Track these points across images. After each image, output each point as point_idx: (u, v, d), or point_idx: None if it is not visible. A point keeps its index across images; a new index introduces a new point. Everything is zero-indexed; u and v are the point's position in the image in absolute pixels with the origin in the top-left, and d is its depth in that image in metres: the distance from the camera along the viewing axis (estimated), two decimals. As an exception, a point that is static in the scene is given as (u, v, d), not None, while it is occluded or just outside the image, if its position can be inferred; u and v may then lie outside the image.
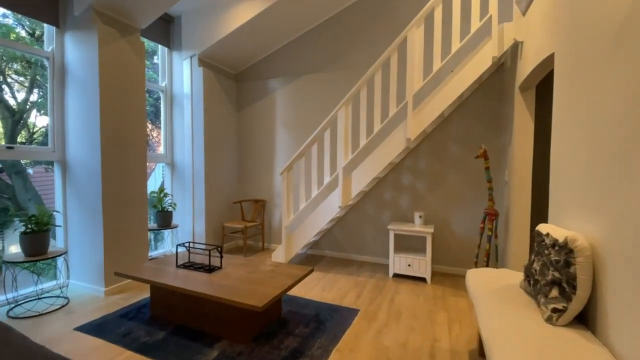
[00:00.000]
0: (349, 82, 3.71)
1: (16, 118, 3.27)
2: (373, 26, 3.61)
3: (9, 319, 2.26)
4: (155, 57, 3.93)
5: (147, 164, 4.07)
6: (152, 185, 4.12)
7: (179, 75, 3.88)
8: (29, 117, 2.97)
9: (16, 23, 2.98)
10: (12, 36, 2.82)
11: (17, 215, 2.58)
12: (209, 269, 2.29)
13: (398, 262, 3.14)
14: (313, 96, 3.94)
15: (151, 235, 3.87)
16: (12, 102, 3.02)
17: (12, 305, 2.40)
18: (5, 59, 3.01)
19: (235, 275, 2.19)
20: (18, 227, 2.53)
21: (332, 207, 3.17)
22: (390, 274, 3.20)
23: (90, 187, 2.73)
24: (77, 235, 2.83)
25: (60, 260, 2.80)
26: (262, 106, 4.26)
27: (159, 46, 3.82)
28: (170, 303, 2.26)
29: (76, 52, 2.74)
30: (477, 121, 3.21)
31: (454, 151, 3.30)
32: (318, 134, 3.21)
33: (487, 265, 2.80)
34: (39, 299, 2.54)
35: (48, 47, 2.76)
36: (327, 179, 3.27)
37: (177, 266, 2.39)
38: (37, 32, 2.94)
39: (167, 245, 4.03)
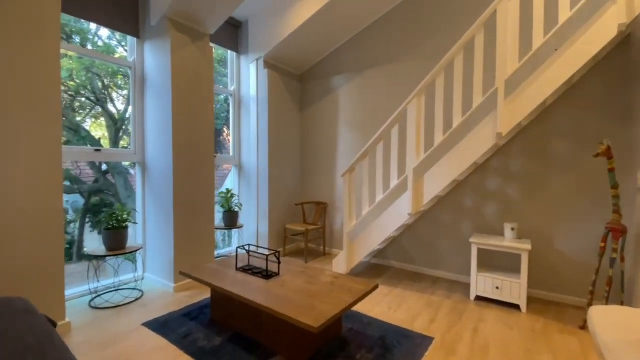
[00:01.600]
0: (420, 74, 3.29)
1: (118, 126, 3.69)
2: (450, 7, 3.14)
3: (90, 308, 2.45)
4: (219, 64, 4.06)
5: (224, 165, 4.28)
6: (230, 186, 4.27)
7: (246, 78, 3.95)
8: (128, 124, 3.27)
9: (110, 38, 3.33)
10: (117, 55, 3.15)
11: (106, 212, 2.83)
12: (267, 275, 2.16)
13: (482, 283, 2.62)
14: (379, 91, 3.62)
15: (219, 234, 3.99)
16: (114, 111, 3.39)
17: (94, 296, 2.62)
18: (107, 75, 3.40)
19: (293, 285, 2.01)
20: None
21: (400, 214, 2.81)
22: (472, 296, 2.69)
23: (164, 187, 2.87)
24: (153, 232, 3.01)
25: (137, 255, 3.00)
26: (324, 105, 4.10)
27: (229, 52, 3.94)
28: (229, 307, 2.19)
29: (153, 59, 2.92)
30: (592, 110, 2.51)
31: (559, 148, 2.65)
32: (384, 131, 2.89)
33: (608, 297, 2.12)
34: (117, 290, 2.73)
35: (131, 57, 3.00)
36: (394, 181, 2.92)
37: (237, 269, 2.32)
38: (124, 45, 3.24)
39: (235, 243, 4.12)
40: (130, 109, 3.13)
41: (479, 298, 2.70)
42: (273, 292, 1.91)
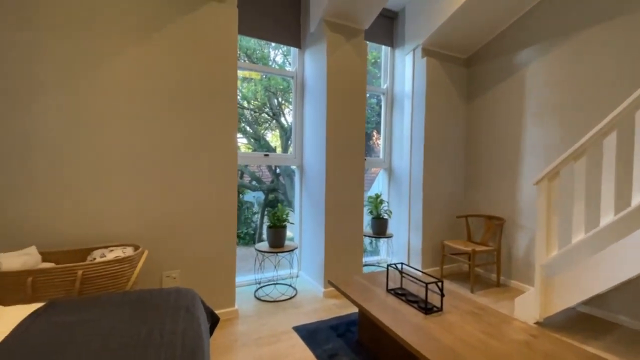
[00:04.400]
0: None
1: (287, 135, 4.15)
2: None
3: (255, 299, 2.68)
4: (370, 63, 3.84)
5: (372, 169, 4.11)
6: (376, 190, 4.08)
7: (400, 73, 3.59)
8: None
9: (276, 53, 3.70)
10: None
11: (269, 211, 3.10)
12: (426, 309, 1.71)
13: None
14: (604, 59, 2.47)
15: (366, 241, 3.79)
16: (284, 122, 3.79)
17: (258, 287, 2.87)
18: (280, 93, 3.85)
19: (463, 333, 1.48)
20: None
21: (650, 248, 1.73)
22: None
23: (318, 190, 2.88)
24: (308, 233, 3.09)
25: (294, 253, 3.14)
26: (502, 91, 3.20)
27: (382, 47, 3.69)
28: (377, 333, 1.87)
29: (311, 65, 2.99)
30: None
31: None
32: (622, 114, 1.86)
33: None
34: (275, 284, 2.92)
35: (294, 67, 3.18)
36: (638, 196, 1.83)
37: (387, 290, 1.98)
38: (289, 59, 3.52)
39: (383, 253, 3.82)
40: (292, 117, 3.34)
41: None
42: (436, 337, 1.44)
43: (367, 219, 3.30)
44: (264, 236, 2.84)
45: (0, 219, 1.72)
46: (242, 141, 4.19)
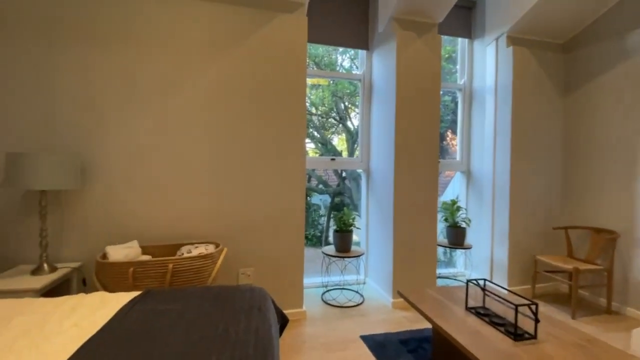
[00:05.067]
0: None
1: (354, 139, 4.15)
2: None
3: (322, 302, 2.68)
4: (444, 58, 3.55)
5: (446, 172, 3.81)
6: (451, 195, 3.77)
7: (480, 67, 3.25)
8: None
9: (343, 58, 3.70)
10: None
11: (335, 215, 3.09)
12: (515, 334, 1.48)
13: None
14: None
15: (440, 251, 3.51)
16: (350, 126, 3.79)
17: (325, 290, 2.87)
18: (347, 97, 3.87)
19: (566, 368, 1.23)
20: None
21: None
22: None
23: (385, 194, 2.77)
24: (375, 239, 2.99)
25: (361, 259, 3.07)
26: (611, 80, 2.65)
27: (459, 40, 3.40)
28: (454, 355, 1.69)
29: (379, 66, 2.91)
30: None
31: None
32: None
33: None
34: (342, 289, 2.88)
35: (361, 70, 3.14)
36: None
37: (467, 308, 1.77)
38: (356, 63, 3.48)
39: (459, 265, 3.50)
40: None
41: None
42: (529, 369, 1.23)
43: (441, 226, 3.05)
44: (331, 239, 2.84)
45: (110, 217, 2.04)
46: (309, 146, 4.31)
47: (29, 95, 1.92)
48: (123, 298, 1.32)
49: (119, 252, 1.77)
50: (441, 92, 2.77)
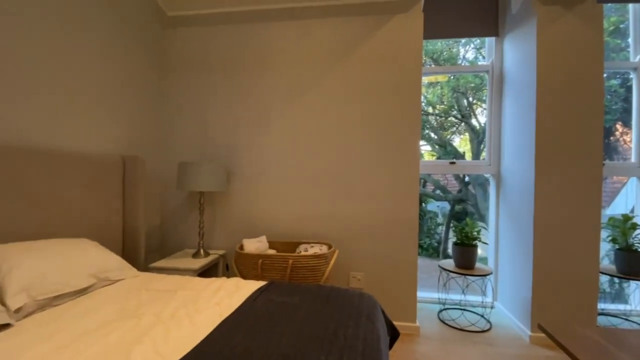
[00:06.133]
0: None
1: (480, 138, 3.72)
2: None
3: (438, 320, 2.44)
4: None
5: (614, 177, 2.93)
6: (621, 207, 2.90)
7: (674, 33, 2.37)
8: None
9: (466, 49, 3.32)
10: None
11: (455, 226, 2.79)
12: None
13: None
14: None
15: (603, 280, 2.69)
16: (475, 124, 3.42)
17: (442, 307, 2.60)
18: (471, 92, 3.49)
19: None
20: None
21: None
22: None
23: (522, 205, 2.33)
24: (507, 257, 2.55)
25: (488, 279, 2.66)
26: None
27: (629, 7, 2.57)
28: None
29: (512, 52, 2.48)
30: None
31: None
32: None
33: None
34: (463, 310, 2.55)
35: (488, 60, 2.75)
36: None
37: (651, 365, 1.29)
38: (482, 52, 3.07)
39: (635, 301, 2.61)
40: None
41: None
42: None
43: (606, 248, 2.33)
44: (450, 251, 2.57)
45: (245, 215, 2.42)
46: (425, 148, 4.04)
47: (194, 119, 2.49)
48: (252, 286, 1.52)
49: (252, 245, 2.07)
50: (604, 75, 2.14)
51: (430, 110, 3.91)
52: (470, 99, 3.88)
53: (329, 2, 2.29)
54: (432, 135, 4.08)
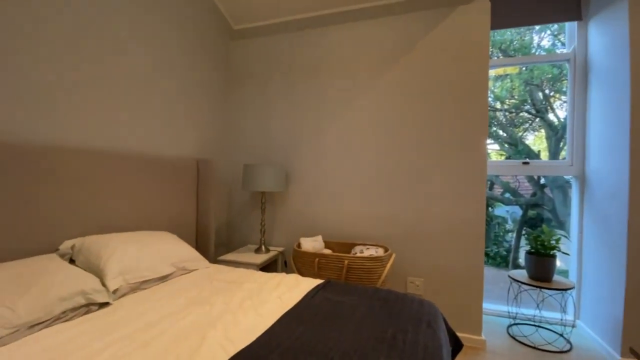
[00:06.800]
0: None
1: (558, 135, 3.34)
2: None
3: (508, 335, 2.23)
4: None
5: None
6: None
7: None
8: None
9: (541, 37, 2.98)
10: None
11: (529, 233, 2.53)
12: None
13: None
14: None
15: None
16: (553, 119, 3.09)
17: (513, 322, 2.36)
18: (548, 84, 3.15)
19: None
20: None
21: None
22: None
23: (612, 212, 2.02)
24: (592, 270, 2.23)
25: (569, 294, 2.36)
26: None
27: None
28: None
29: (599, 38, 2.16)
30: None
31: None
32: None
33: None
34: (538, 326, 2.29)
35: (569, 47, 2.44)
36: None
37: None
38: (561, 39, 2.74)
39: None
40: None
41: None
42: None
43: None
44: (521, 261, 2.32)
45: (302, 214, 2.50)
46: (492, 147, 3.72)
47: (256, 124, 2.66)
48: (310, 283, 1.58)
49: (308, 244, 2.14)
50: None
51: (498, 105, 3.60)
52: (547, 91, 3.47)
53: (382, 2, 2.27)
54: (501, 132, 3.75)
